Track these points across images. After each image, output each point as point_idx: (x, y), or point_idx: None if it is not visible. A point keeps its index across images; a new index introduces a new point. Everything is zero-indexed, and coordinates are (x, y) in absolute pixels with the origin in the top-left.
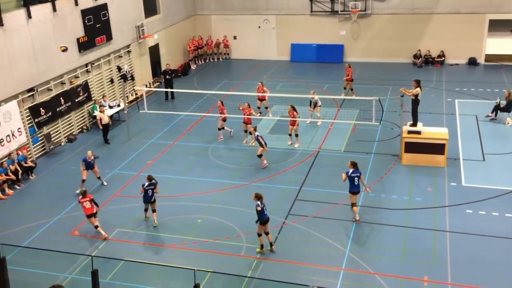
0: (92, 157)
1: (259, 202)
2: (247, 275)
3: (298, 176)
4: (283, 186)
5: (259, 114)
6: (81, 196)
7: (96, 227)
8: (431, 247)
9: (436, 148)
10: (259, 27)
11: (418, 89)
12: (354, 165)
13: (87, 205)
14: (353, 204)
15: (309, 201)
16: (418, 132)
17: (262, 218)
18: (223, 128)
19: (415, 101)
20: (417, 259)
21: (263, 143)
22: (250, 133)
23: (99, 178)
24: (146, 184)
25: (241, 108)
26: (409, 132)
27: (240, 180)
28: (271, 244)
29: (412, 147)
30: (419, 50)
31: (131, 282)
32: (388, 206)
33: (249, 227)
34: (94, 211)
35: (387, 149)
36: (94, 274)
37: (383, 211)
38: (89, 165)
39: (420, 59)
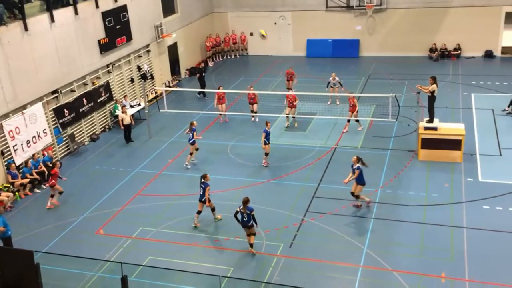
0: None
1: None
2: (268, 272)
3: (316, 173)
4: (301, 183)
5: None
6: None
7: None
8: (448, 243)
9: (453, 144)
10: (275, 23)
11: (434, 85)
12: (359, 160)
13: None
14: (358, 196)
15: (327, 198)
16: (435, 128)
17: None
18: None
19: (432, 98)
20: (435, 256)
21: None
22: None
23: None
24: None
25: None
26: (426, 128)
27: (259, 177)
28: (251, 246)
29: (428, 143)
30: (435, 43)
31: (157, 280)
32: (405, 202)
33: (269, 224)
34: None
35: (403, 145)
36: (124, 280)
37: (401, 208)
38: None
39: (436, 52)
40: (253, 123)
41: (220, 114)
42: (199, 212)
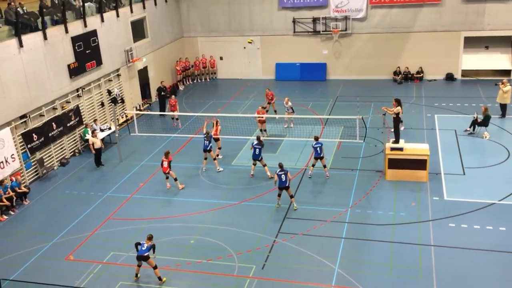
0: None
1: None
2: None
3: (286, 194)
4: (272, 204)
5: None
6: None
7: (175, 179)
8: (417, 261)
9: (418, 164)
10: (245, 47)
11: (399, 108)
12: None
13: (165, 164)
14: (279, 194)
15: (298, 219)
16: (401, 149)
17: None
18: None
19: (397, 119)
20: (404, 274)
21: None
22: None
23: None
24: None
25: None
26: (392, 149)
27: (231, 199)
28: (159, 278)
29: (395, 163)
30: (399, 67)
31: None
32: (374, 222)
33: (241, 246)
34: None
35: (371, 165)
36: None
37: (370, 227)
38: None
39: (400, 75)
40: (225, 146)
41: (172, 118)
42: (279, 195)
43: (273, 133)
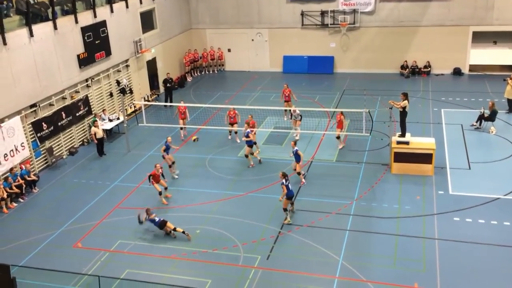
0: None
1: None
2: (245, 284)
3: (292, 186)
4: (278, 196)
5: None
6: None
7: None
8: (420, 254)
9: (424, 158)
10: (253, 40)
11: (406, 101)
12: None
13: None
14: (284, 209)
15: (304, 211)
16: (407, 143)
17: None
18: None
19: (403, 113)
20: (408, 267)
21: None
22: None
23: (170, 165)
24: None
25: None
26: (398, 142)
27: (237, 190)
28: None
29: (401, 157)
30: (406, 61)
31: None
32: (379, 214)
33: (246, 237)
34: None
35: (377, 159)
36: None
37: (375, 220)
38: (168, 150)
39: (407, 69)
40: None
41: (181, 128)
42: (285, 209)
43: (279, 125)
